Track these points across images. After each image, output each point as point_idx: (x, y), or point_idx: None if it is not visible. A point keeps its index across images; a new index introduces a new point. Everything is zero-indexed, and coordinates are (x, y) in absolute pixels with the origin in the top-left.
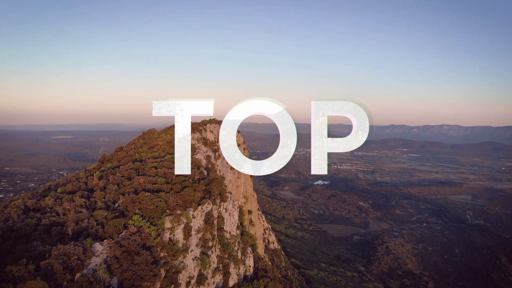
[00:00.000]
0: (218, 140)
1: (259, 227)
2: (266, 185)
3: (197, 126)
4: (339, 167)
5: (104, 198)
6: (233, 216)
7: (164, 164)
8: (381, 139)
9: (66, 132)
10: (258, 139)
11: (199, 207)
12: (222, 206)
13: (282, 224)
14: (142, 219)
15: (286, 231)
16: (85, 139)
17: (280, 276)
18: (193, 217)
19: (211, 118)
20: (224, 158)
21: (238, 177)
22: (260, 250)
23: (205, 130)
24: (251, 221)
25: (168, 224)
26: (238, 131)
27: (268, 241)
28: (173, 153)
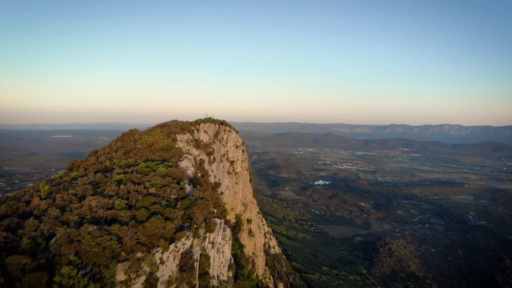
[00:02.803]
0: (213, 141)
1: (259, 238)
2: (266, 185)
3: (188, 126)
4: (339, 167)
5: (36, 230)
6: (223, 252)
7: (133, 177)
8: (382, 138)
9: (66, 132)
10: (258, 139)
11: (172, 245)
12: (207, 239)
13: (282, 225)
14: (78, 271)
15: (287, 232)
16: (85, 138)
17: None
18: (161, 262)
19: (207, 117)
20: (221, 162)
21: (236, 183)
22: (261, 264)
23: (198, 130)
24: (250, 231)
25: (121, 276)
26: (237, 132)
27: (269, 245)
28: (151, 160)
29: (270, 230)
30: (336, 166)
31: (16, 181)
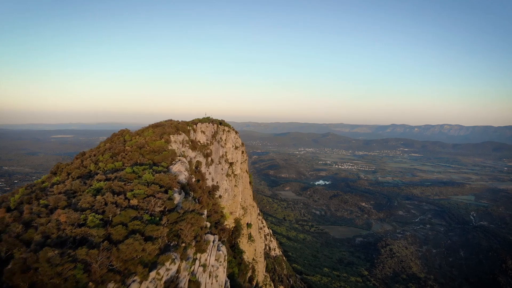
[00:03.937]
0: (211, 142)
1: (260, 242)
2: (266, 185)
3: (184, 126)
4: (340, 167)
5: None
6: (216, 276)
7: (115, 185)
8: (382, 138)
9: (66, 132)
10: (258, 138)
11: (153, 272)
12: (198, 261)
13: (283, 226)
14: None
15: (287, 233)
16: (85, 138)
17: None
18: None
19: (205, 117)
20: (219, 163)
21: (235, 185)
22: (261, 270)
23: (194, 130)
24: (250, 236)
25: None
26: (236, 132)
27: (269, 248)
28: (139, 164)
29: (271, 231)
30: (336, 166)
31: (16, 181)
